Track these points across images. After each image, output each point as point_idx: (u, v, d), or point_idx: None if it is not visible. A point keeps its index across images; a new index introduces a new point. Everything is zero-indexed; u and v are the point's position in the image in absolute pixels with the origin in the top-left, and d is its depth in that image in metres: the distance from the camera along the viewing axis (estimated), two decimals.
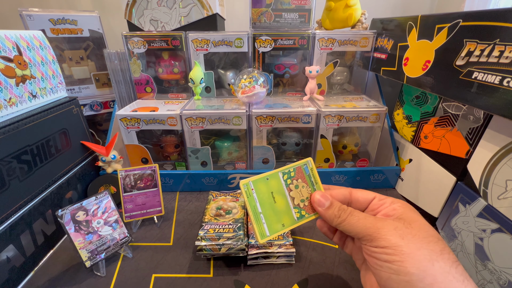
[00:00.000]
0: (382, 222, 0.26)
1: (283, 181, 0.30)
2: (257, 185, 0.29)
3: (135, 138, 0.60)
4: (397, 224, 0.25)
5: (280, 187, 0.30)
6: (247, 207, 0.28)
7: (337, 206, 0.28)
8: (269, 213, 0.29)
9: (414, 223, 0.25)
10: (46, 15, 0.60)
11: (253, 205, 0.29)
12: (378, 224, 0.25)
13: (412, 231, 0.24)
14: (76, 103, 0.55)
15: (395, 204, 0.28)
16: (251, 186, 0.29)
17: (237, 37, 0.63)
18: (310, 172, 0.31)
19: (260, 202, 0.29)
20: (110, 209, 0.44)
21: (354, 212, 0.27)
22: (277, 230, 0.29)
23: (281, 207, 0.30)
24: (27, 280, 0.40)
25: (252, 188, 0.29)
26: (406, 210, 0.27)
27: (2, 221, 0.37)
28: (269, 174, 0.30)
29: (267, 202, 0.29)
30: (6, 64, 0.41)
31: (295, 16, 0.64)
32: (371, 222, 0.26)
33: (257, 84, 0.59)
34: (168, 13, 0.65)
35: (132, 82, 0.69)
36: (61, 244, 0.48)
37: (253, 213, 0.28)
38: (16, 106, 0.43)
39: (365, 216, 0.27)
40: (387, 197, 0.29)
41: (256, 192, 0.29)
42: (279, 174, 0.30)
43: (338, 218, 0.28)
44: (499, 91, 0.33)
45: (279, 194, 0.30)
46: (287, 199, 0.30)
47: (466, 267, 0.40)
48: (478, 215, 0.39)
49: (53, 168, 0.48)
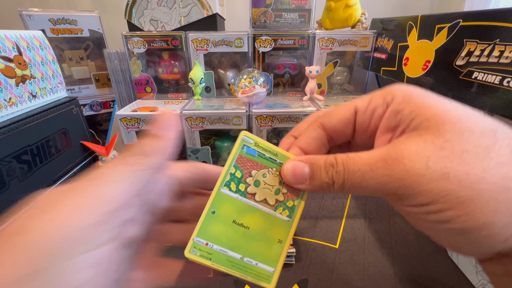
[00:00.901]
0: (401, 162, 0.14)
1: (235, 194, 0.19)
2: (208, 236, 0.18)
3: (135, 138, 0.60)
4: (423, 147, 0.14)
5: (239, 205, 0.19)
6: (221, 270, 0.18)
7: (322, 168, 0.17)
8: (253, 247, 0.19)
9: (443, 124, 0.14)
10: (46, 15, 0.60)
11: (225, 262, 0.18)
12: (398, 169, 0.14)
13: (452, 144, 0.13)
14: (76, 103, 0.55)
15: (393, 101, 0.16)
16: (200, 247, 0.18)
17: (237, 37, 0.63)
18: (257, 149, 0.20)
19: (231, 249, 0.19)
20: None
21: (351, 164, 0.16)
22: (278, 254, 0.19)
23: (261, 225, 0.19)
24: None
25: (206, 244, 0.18)
26: (414, 104, 0.15)
27: None
28: (210, 205, 0.19)
29: (239, 239, 0.19)
30: (6, 64, 0.41)
31: (295, 16, 0.64)
32: (385, 170, 0.15)
33: (257, 84, 0.59)
34: (168, 13, 0.65)
35: (132, 82, 0.69)
36: None
37: (235, 268, 0.18)
38: (16, 106, 0.43)
39: (372, 162, 0.15)
40: (372, 97, 0.18)
41: (216, 242, 0.18)
42: (223, 191, 0.19)
43: (334, 185, 0.17)
44: (499, 91, 0.33)
45: (244, 213, 0.19)
46: (260, 210, 0.19)
47: (466, 267, 0.40)
48: None
49: (53, 168, 0.48)
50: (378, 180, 0.15)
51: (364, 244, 0.46)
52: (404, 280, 0.39)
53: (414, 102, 0.15)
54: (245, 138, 0.20)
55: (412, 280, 0.39)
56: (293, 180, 0.19)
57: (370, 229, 0.49)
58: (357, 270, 0.41)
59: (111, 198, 0.14)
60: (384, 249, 0.45)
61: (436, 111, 0.15)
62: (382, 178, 0.15)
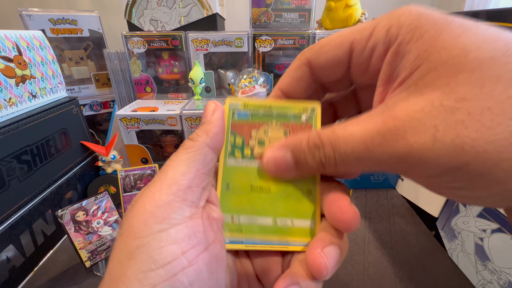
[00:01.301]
0: (403, 137, 0.12)
1: (243, 160, 0.18)
2: (230, 209, 0.17)
3: (135, 138, 0.60)
4: (428, 112, 0.11)
5: (250, 171, 0.18)
6: (257, 249, 0.17)
7: (306, 152, 0.15)
8: (282, 206, 0.17)
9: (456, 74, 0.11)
10: (46, 15, 0.60)
11: (258, 233, 0.17)
12: (399, 146, 0.12)
13: (469, 103, 0.10)
14: (76, 103, 0.55)
15: (397, 37, 0.13)
16: (227, 226, 0.17)
17: (237, 37, 0.63)
18: (248, 109, 0.18)
19: (260, 213, 0.17)
20: (110, 209, 0.44)
21: (341, 144, 0.13)
22: (312, 206, 0.17)
23: (282, 183, 0.17)
24: (27, 280, 0.40)
25: (232, 218, 0.17)
26: (424, 43, 0.12)
27: (2, 221, 0.37)
28: (221, 181, 0.18)
29: (265, 204, 0.17)
30: (6, 64, 0.41)
31: (295, 16, 0.64)
32: (384, 149, 0.12)
33: (257, 84, 0.59)
34: (168, 13, 0.65)
35: (132, 82, 0.69)
36: (61, 244, 0.48)
37: (271, 235, 0.17)
38: (16, 106, 0.43)
39: (367, 140, 0.13)
40: (375, 27, 0.14)
41: (241, 212, 0.17)
42: (229, 163, 0.18)
43: (325, 168, 0.15)
44: None
45: (260, 178, 0.18)
46: None
47: (466, 267, 0.40)
48: (479, 215, 0.39)
49: (53, 168, 0.48)
50: (377, 160, 0.12)
51: (364, 244, 0.46)
52: (404, 280, 0.39)
53: (425, 40, 0.12)
54: (232, 104, 0.18)
55: (412, 280, 0.39)
56: (277, 172, 0.17)
57: (370, 229, 0.49)
58: (357, 270, 0.41)
59: (175, 180, 0.15)
60: (384, 249, 0.45)
61: (450, 55, 0.11)
62: (381, 157, 0.12)
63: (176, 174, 0.15)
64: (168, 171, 0.15)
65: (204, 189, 0.16)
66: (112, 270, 0.13)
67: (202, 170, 0.16)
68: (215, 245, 0.15)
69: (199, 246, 0.14)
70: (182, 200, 0.14)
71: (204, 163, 0.16)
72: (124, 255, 0.13)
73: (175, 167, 0.15)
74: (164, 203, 0.14)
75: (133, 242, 0.13)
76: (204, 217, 0.16)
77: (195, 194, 0.15)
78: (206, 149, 0.16)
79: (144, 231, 0.13)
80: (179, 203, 0.14)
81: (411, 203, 0.56)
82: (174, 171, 0.15)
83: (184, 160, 0.16)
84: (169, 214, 0.14)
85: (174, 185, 0.15)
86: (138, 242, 0.13)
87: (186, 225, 0.14)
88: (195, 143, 0.16)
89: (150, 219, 0.13)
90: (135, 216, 0.14)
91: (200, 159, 0.16)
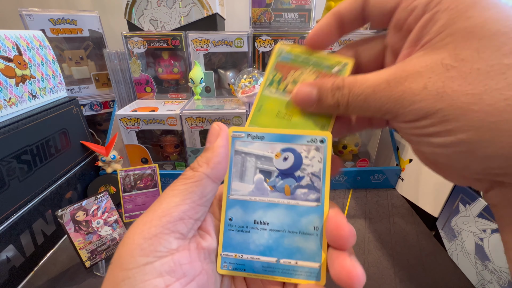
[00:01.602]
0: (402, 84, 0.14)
1: (276, 93, 0.20)
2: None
3: (135, 138, 0.60)
4: (429, 67, 0.13)
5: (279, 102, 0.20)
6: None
7: (328, 91, 0.17)
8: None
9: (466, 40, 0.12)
10: (46, 15, 0.60)
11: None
12: (396, 90, 0.14)
13: (465, 64, 0.12)
14: (76, 103, 0.55)
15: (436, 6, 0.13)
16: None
17: (237, 37, 0.63)
18: (292, 54, 0.20)
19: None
20: (110, 209, 0.44)
21: (356, 87, 0.16)
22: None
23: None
24: (27, 280, 0.40)
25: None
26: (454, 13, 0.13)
27: (2, 221, 0.37)
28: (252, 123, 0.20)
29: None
30: (6, 64, 0.41)
31: (295, 16, 0.64)
32: (385, 92, 0.14)
33: (257, 84, 0.59)
34: (168, 13, 0.65)
35: (132, 82, 0.69)
36: (61, 244, 0.48)
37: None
38: (16, 106, 0.43)
39: (376, 84, 0.15)
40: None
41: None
42: (265, 93, 0.20)
43: (339, 107, 0.17)
44: None
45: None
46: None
47: (466, 267, 0.40)
48: (478, 215, 0.39)
49: (53, 168, 0.48)
50: (378, 101, 0.15)
51: (364, 244, 0.46)
52: (404, 280, 0.39)
53: (457, 10, 0.13)
54: (280, 48, 0.21)
55: (412, 280, 0.39)
56: (302, 103, 0.19)
57: (370, 229, 0.49)
58: None
59: (167, 212, 0.15)
60: (384, 249, 0.45)
61: (471, 24, 0.12)
62: (381, 99, 0.14)
63: (169, 206, 0.15)
64: (163, 201, 0.15)
65: (197, 220, 0.16)
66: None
67: (198, 202, 0.16)
68: (202, 276, 0.16)
69: (184, 279, 0.15)
70: (170, 232, 0.15)
71: (202, 195, 0.16)
72: (111, 286, 0.14)
73: (170, 197, 0.15)
74: (152, 235, 0.14)
75: (120, 273, 0.14)
76: (192, 247, 0.16)
77: (186, 226, 0.15)
78: (206, 180, 0.16)
79: (130, 263, 0.14)
80: (167, 236, 0.15)
81: (411, 203, 0.56)
82: (168, 202, 0.15)
83: (180, 191, 0.16)
84: (156, 247, 0.14)
85: (165, 217, 0.15)
86: (124, 274, 0.13)
87: (172, 257, 0.14)
88: (195, 173, 0.16)
89: (136, 251, 0.14)
90: (124, 246, 0.14)
91: (198, 191, 0.16)
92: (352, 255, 0.16)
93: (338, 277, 0.15)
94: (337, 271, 0.15)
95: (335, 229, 0.16)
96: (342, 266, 0.15)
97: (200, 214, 0.16)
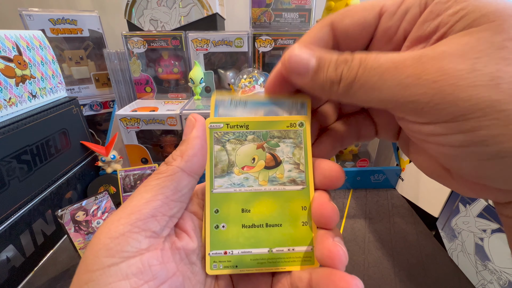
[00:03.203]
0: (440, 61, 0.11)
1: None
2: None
3: (135, 138, 0.60)
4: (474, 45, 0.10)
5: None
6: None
7: (331, 63, 0.14)
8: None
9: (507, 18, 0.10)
10: (46, 15, 0.60)
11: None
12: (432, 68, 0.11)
13: None
14: (75, 103, 0.55)
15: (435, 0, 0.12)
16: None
17: (237, 37, 0.63)
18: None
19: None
20: (110, 209, 0.44)
21: (370, 59, 0.12)
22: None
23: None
24: (27, 280, 0.40)
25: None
26: (464, 2, 0.11)
27: (2, 221, 0.37)
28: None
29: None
30: (6, 64, 0.41)
31: (295, 16, 0.64)
32: (414, 69, 0.11)
33: (257, 84, 0.59)
34: (168, 13, 0.65)
35: (132, 82, 0.69)
36: (61, 244, 0.48)
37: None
38: (16, 106, 0.43)
39: (398, 60, 0.12)
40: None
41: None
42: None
43: (339, 84, 0.13)
44: None
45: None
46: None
47: (466, 267, 0.40)
48: (479, 215, 0.39)
49: (53, 168, 0.48)
50: (400, 82, 0.11)
51: (364, 244, 0.46)
52: (404, 280, 0.39)
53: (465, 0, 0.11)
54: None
55: (412, 280, 0.39)
56: (293, 72, 0.15)
57: (370, 229, 0.49)
58: (357, 270, 0.41)
59: (136, 209, 0.14)
60: (384, 249, 0.45)
61: (497, 7, 0.11)
62: (406, 80, 0.11)
63: (139, 202, 0.14)
64: (134, 198, 0.14)
65: (172, 217, 0.15)
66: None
67: (172, 197, 0.15)
68: (176, 277, 0.15)
69: (154, 281, 0.14)
70: (140, 231, 0.14)
71: (176, 190, 0.15)
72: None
73: (141, 193, 0.15)
74: (119, 234, 0.13)
75: (83, 276, 0.13)
76: (165, 247, 0.15)
77: (159, 223, 0.14)
78: (180, 174, 0.15)
79: (94, 264, 0.13)
80: (136, 234, 0.14)
81: (411, 203, 0.56)
82: (139, 199, 0.14)
83: (152, 187, 0.15)
84: (123, 247, 0.13)
85: (134, 214, 0.14)
86: (88, 276, 0.13)
87: (141, 258, 0.14)
88: (168, 167, 0.15)
89: (102, 251, 0.13)
90: (90, 247, 0.13)
91: (171, 186, 0.15)
92: (337, 237, 0.15)
93: (320, 256, 0.15)
94: (320, 251, 0.15)
95: (318, 208, 0.16)
96: (325, 246, 0.15)
97: (175, 211, 0.15)
